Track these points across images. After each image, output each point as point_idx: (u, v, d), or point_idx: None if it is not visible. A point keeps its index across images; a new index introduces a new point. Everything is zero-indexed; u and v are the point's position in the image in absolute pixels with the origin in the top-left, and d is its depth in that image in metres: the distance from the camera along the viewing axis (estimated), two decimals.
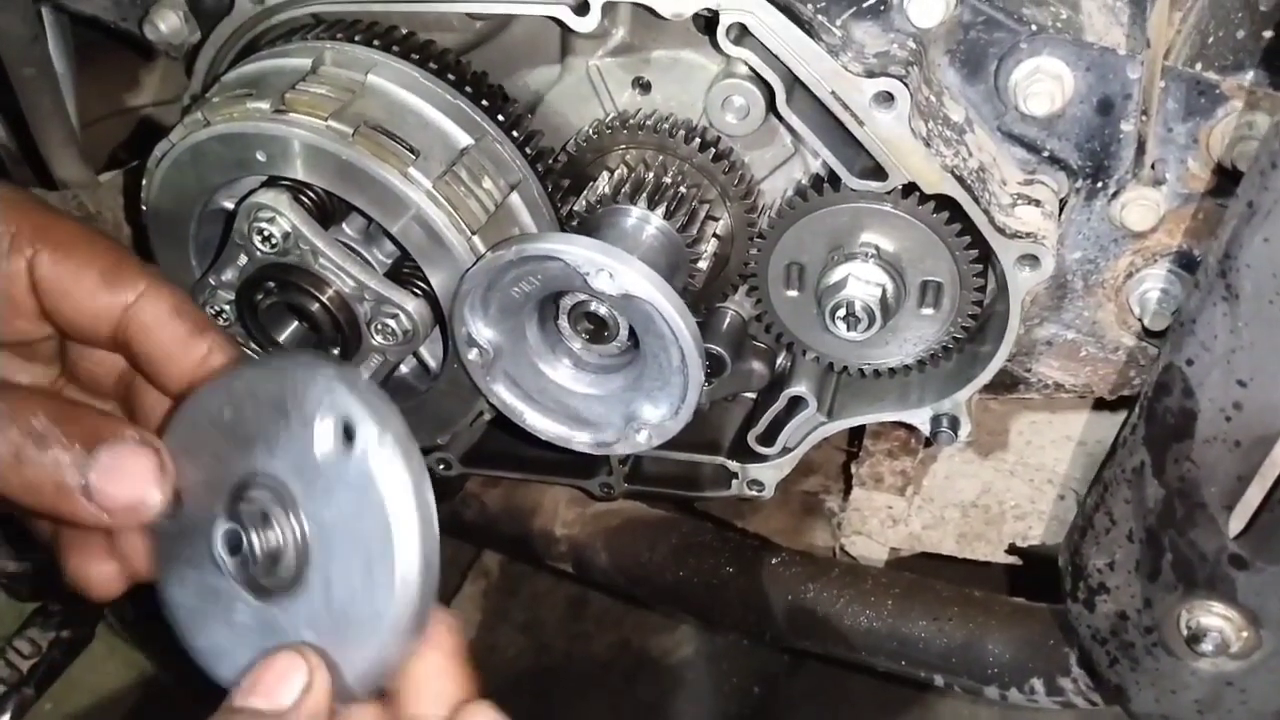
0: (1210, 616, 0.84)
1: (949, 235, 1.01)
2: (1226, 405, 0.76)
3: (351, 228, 1.05)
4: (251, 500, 0.69)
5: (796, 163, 1.07)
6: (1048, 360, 1.15)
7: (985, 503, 1.38)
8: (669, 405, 0.99)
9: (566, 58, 1.07)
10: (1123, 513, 0.88)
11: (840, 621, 1.26)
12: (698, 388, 0.96)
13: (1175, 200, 1.01)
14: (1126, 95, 0.97)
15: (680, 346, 0.93)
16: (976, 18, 0.96)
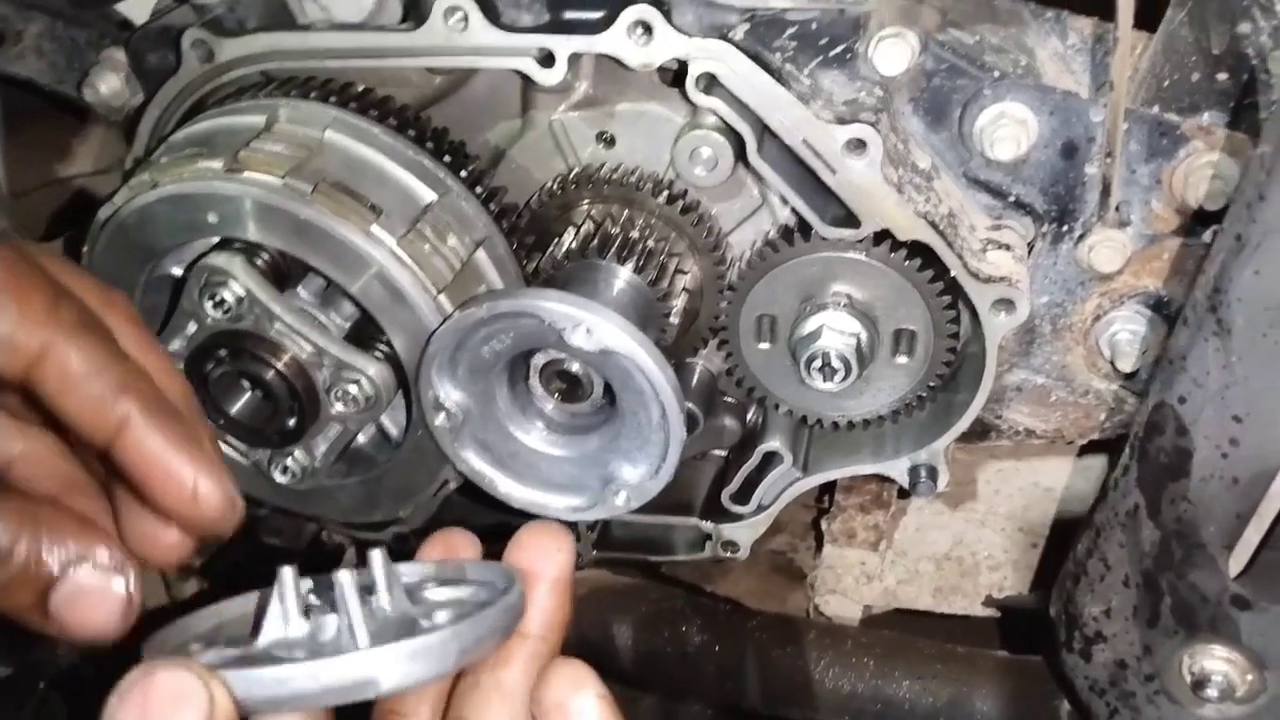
0: (1214, 660, 0.82)
1: (922, 282, 1.00)
2: (1222, 442, 0.75)
3: (308, 290, 1.00)
4: None
5: (765, 214, 1.06)
6: (1018, 406, 1.14)
7: (958, 554, 1.36)
8: (648, 465, 0.95)
9: (528, 112, 1.05)
10: (1117, 557, 0.86)
11: (821, 686, 1.22)
12: (679, 444, 0.92)
13: (1141, 241, 1.01)
14: (1090, 138, 0.97)
15: (660, 402, 0.90)
16: (940, 65, 0.96)
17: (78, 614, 0.64)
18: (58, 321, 0.64)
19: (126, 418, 0.64)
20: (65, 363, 0.64)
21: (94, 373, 0.65)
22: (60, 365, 0.64)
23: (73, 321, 0.65)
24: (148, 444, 0.65)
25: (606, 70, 1.00)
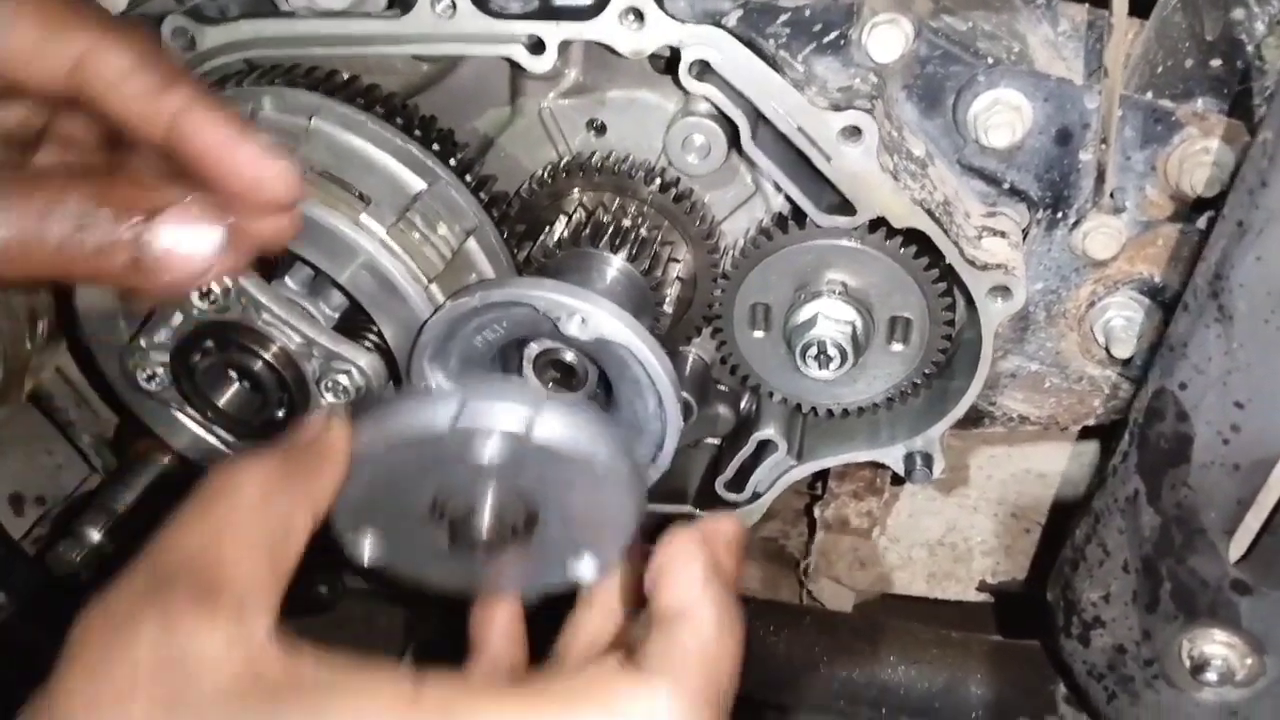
0: (1213, 645, 0.82)
1: (917, 270, 1.00)
2: (1224, 428, 0.75)
3: (295, 280, 0.99)
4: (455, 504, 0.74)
5: (758, 201, 1.05)
6: (1012, 393, 1.14)
7: (952, 540, 1.36)
8: (645, 453, 0.94)
9: (517, 100, 1.03)
10: (1117, 543, 0.86)
11: (816, 671, 1.22)
12: (677, 432, 0.92)
13: (1135, 228, 1.01)
14: (1084, 125, 0.97)
15: (657, 390, 0.89)
16: (933, 52, 0.96)
17: (174, 261, 0.64)
18: (87, 24, 0.64)
19: (183, 105, 0.64)
20: (108, 61, 0.64)
21: (139, 67, 0.64)
22: (104, 64, 0.64)
23: (101, 22, 0.64)
24: (209, 128, 0.64)
25: (597, 57, 0.98)
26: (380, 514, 0.76)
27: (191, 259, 0.65)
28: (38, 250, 0.62)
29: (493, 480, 0.74)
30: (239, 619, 0.57)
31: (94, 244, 0.63)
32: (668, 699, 0.57)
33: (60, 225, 0.62)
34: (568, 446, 0.72)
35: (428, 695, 0.56)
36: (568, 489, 0.75)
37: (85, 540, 1.24)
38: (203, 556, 0.59)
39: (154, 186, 0.65)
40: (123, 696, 0.54)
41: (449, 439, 0.71)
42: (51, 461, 1.53)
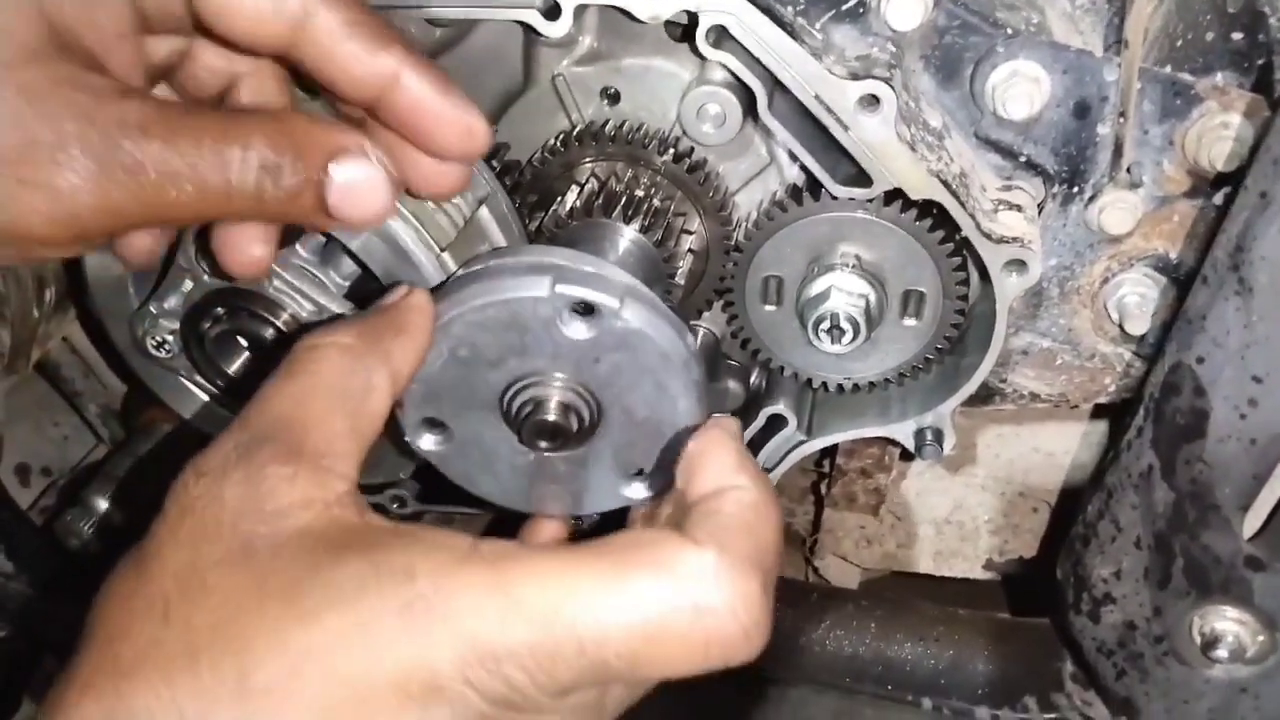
0: (1224, 622, 0.82)
1: (932, 243, 0.99)
2: (1241, 402, 0.75)
3: (306, 248, 0.98)
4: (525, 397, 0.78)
5: (772, 173, 1.04)
6: (1023, 370, 1.14)
7: (959, 518, 1.36)
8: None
9: (531, 67, 1.02)
10: (1129, 519, 0.86)
11: (822, 648, 1.22)
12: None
13: (1152, 203, 1.00)
14: (1103, 98, 0.96)
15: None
16: (952, 22, 0.95)
17: (355, 203, 0.67)
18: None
19: (397, 68, 0.67)
20: (326, 22, 0.66)
21: (356, 27, 0.67)
22: (321, 26, 0.66)
23: None
24: (421, 89, 0.68)
25: (612, 23, 0.97)
26: (449, 401, 0.79)
27: (371, 200, 0.68)
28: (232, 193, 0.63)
29: (568, 366, 0.77)
30: (319, 473, 0.61)
31: (285, 186, 0.65)
32: (716, 559, 0.58)
33: (252, 168, 0.63)
34: (651, 333, 0.75)
35: (483, 549, 0.58)
36: (637, 387, 0.78)
37: (93, 510, 1.24)
38: (288, 419, 0.63)
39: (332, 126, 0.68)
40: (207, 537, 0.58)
41: (545, 304, 0.74)
42: (58, 432, 1.53)
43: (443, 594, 0.56)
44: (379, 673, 0.55)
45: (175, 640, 0.55)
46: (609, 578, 0.57)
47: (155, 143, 0.61)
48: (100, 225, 0.61)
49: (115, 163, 0.60)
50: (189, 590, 0.57)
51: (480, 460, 0.83)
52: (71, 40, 0.61)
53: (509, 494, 0.86)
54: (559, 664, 0.56)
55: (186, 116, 0.63)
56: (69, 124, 0.59)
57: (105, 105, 0.60)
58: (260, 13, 0.65)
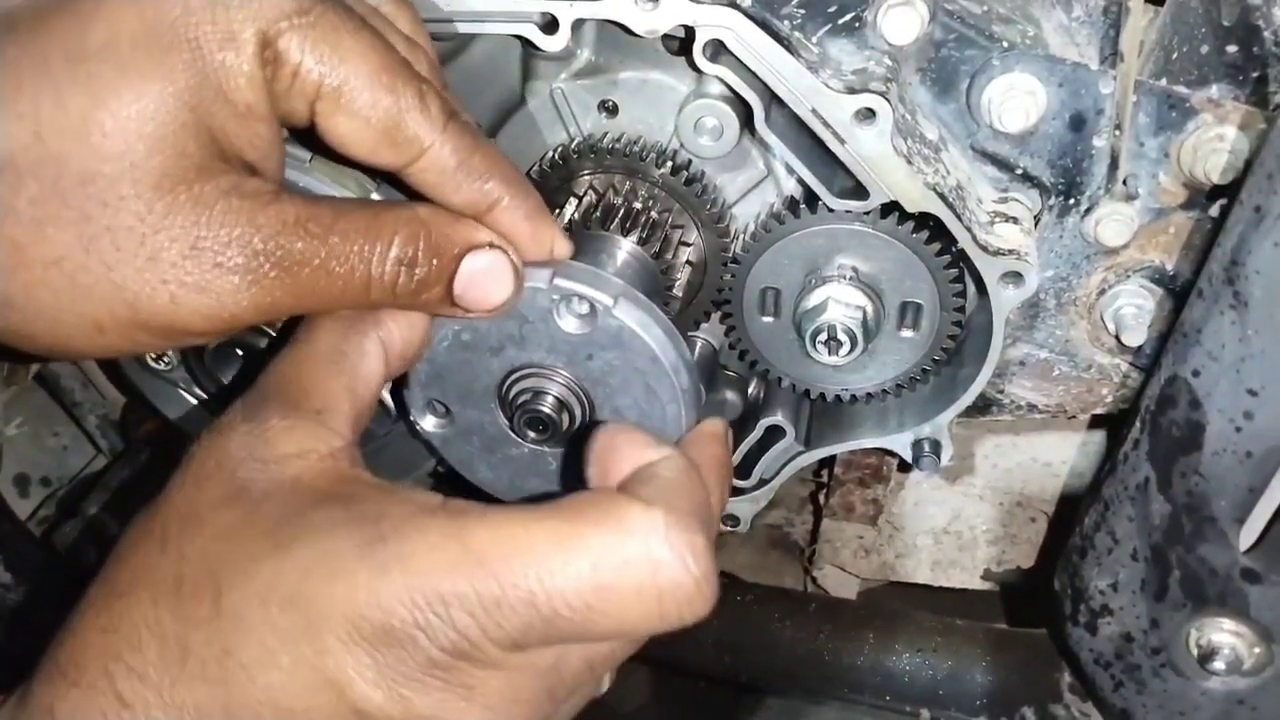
0: (1221, 633, 0.82)
1: (929, 255, 0.99)
2: (1236, 415, 0.75)
3: None
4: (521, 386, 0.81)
5: (769, 185, 1.05)
6: (1020, 381, 1.14)
7: (957, 529, 1.36)
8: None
9: (529, 81, 1.03)
10: (1126, 531, 0.86)
11: (820, 659, 1.22)
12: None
13: (1147, 215, 1.00)
14: (1099, 111, 0.96)
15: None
16: (948, 35, 0.95)
17: (480, 293, 0.73)
18: (432, 118, 0.70)
19: (498, 199, 0.73)
20: (441, 160, 0.71)
21: (465, 162, 0.72)
22: (438, 163, 0.71)
23: (441, 113, 0.70)
24: (515, 217, 0.74)
25: (610, 37, 0.98)
26: (453, 384, 0.83)
27: (495, 291, 0.74)
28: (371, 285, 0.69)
29: (563, 360, 0.80)
30: (316, 427, 0.65)
31: (418, 279, 0.70)
32: (664, 514, 0.60)
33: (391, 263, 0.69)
34: (642, 334, 0.78)
35: (449, 505, 0.62)
36: (628, 389, 0.81)
37: (91, 521, 1.24)
38: (289, 380, 0.69)
39: (467, 224, 0.73)
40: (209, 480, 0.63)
41: (543, 295, 0.77)
42: (57, 442, 1.53)
43: (401, 537, 0.59)
44: (335, 607, 0.58)
45: (167, 566, 0.61)
46: (561, 533, 0.59)
47: (312, 241, 0.66)
48: (252, 319, 0.67)
49: (273, 263, 0.65)
50: (186, 525, 0.62)
51: (479, 448, 0.87)
52: (234, 154, 0.66)
53: (504, 484, 0.89)
54: (506, 612, 0.58)
55: (337, 214, 0.67)
56: (235, 229, 0.64)
57: (265, 209, 0.65)
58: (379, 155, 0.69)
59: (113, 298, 0.63)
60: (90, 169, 0.61)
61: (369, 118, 0.67)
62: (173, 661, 0.58)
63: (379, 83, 0.67)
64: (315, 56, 0.65)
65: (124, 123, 0.61)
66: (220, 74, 0.63)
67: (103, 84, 0.61)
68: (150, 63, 0.61)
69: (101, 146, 0.61)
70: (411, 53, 0.73)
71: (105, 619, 0.61)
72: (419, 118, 0.69)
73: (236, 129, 0.65)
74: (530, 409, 0.81)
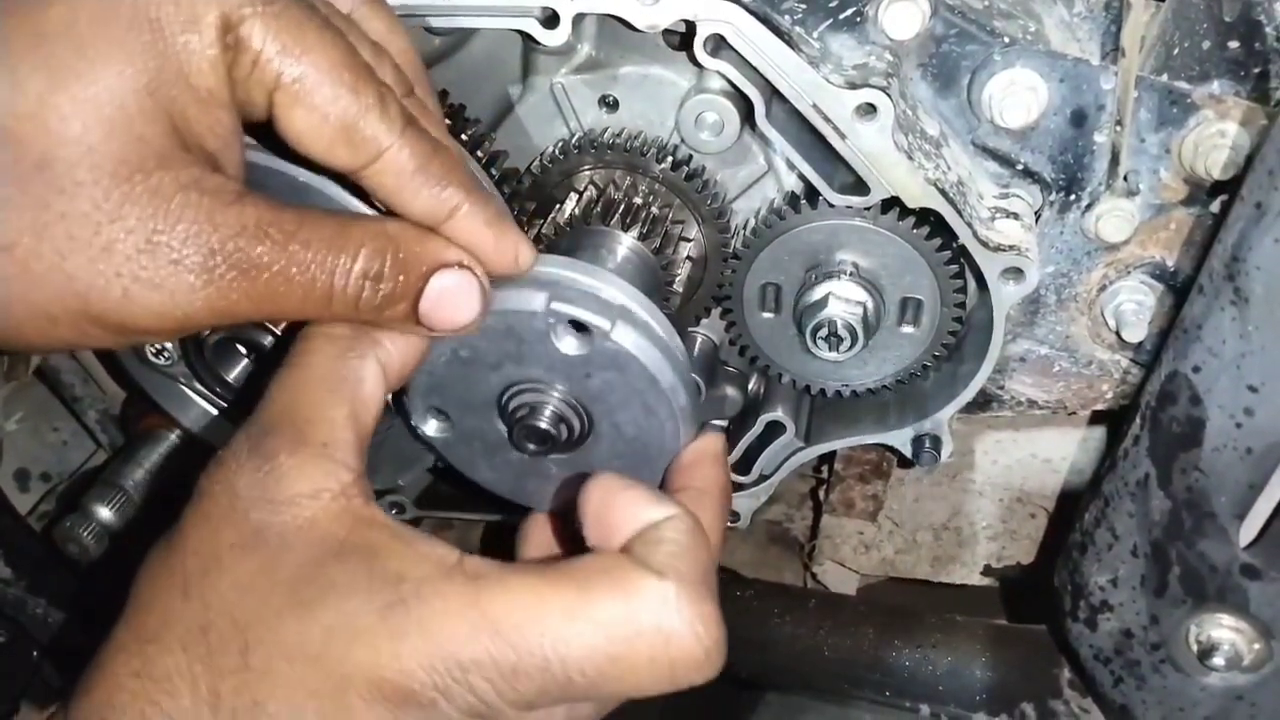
0: (1221, 630, 0.82)
1: (929, 251, 0.99)
2: (1237, 411, 0.75)
3: None
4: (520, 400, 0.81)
5: (770, 181, 1.05)
6: (1020, 377, 1.14)
7: (957, 524, 1.36)
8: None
9: (529, 76, 1.03)
10: (1126, 527, 0.86)
11: (820, 654, 1.22)
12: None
13: (1148, 211, 1.00)
14: (1099, 106, 0.96)
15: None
16: (949, 30, 0.95)
17: (445, 314, 0.71)
18: (390, 120, 0.68)
19: (457, 206, 0.71)
20: (398, 163, 0.68)
21: (423, 168, 0.69)
22: (395, 166, 0.68)
23: (400, 117, 0.68)
24: (474, 224, 0.72)
25: (610, 32, 0.98)
26: (451, 395, 0.83)
27: (461, 310, 0.72)
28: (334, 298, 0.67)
29: (561, 378, 0.80)
30: (325, 462, 0.65)
31: (382, 295, 0.68)
32: (675, 586, 0.61)
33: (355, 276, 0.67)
34: (639, 357, 0.77)
35: (466, 565, 0.63)
36: (625, 406, 0.81)
37: (92, 516, 1.24)
38: (290, 410, 0.68)
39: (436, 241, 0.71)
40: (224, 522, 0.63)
41: (539, 319, 0.76)
42: (57, 438, 1.53)
43: (422, 602, 0.60)
44: (357, 669, 0.59)
45: (192, 614, 0.61)
46: (574, 600, 0.61)
47: (273, 246, 0.64)
48: (206, 321, 0.65)
49: (231, 265, 0.63)
50: (206, 570, 0.62)
51: (480, 451, 0.87)
52: (194, 143, 0.64)
53: (507, 485, 0.90)
54: (522, 678, 0.60)
55: (301, 221, 0.66)
56: (192, 226, 0.62)
57: (226, 208, 0.63)
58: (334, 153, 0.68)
59: (64, 288, 0.61)
60: (48, 153, 0.59)
61: (327, 114, 0.65)
62: (206, 709, 0.60)
63: (340, 80, 0.66)
64: (277, 46, 0.64)
65: (82, 105, 0.59)
66: (181, 56, 0.61)
67: (61, 65, 0.59)
68: (109, 44, 0.60)
69: (59, 130, 0.59)
70: (376, 58, 0.72)
71: (138, 663, 0.62)
72: (377, 119, 0.67)
73: (197, 114, 0.63)
74: (528, 423, 0.81)
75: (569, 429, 0.82)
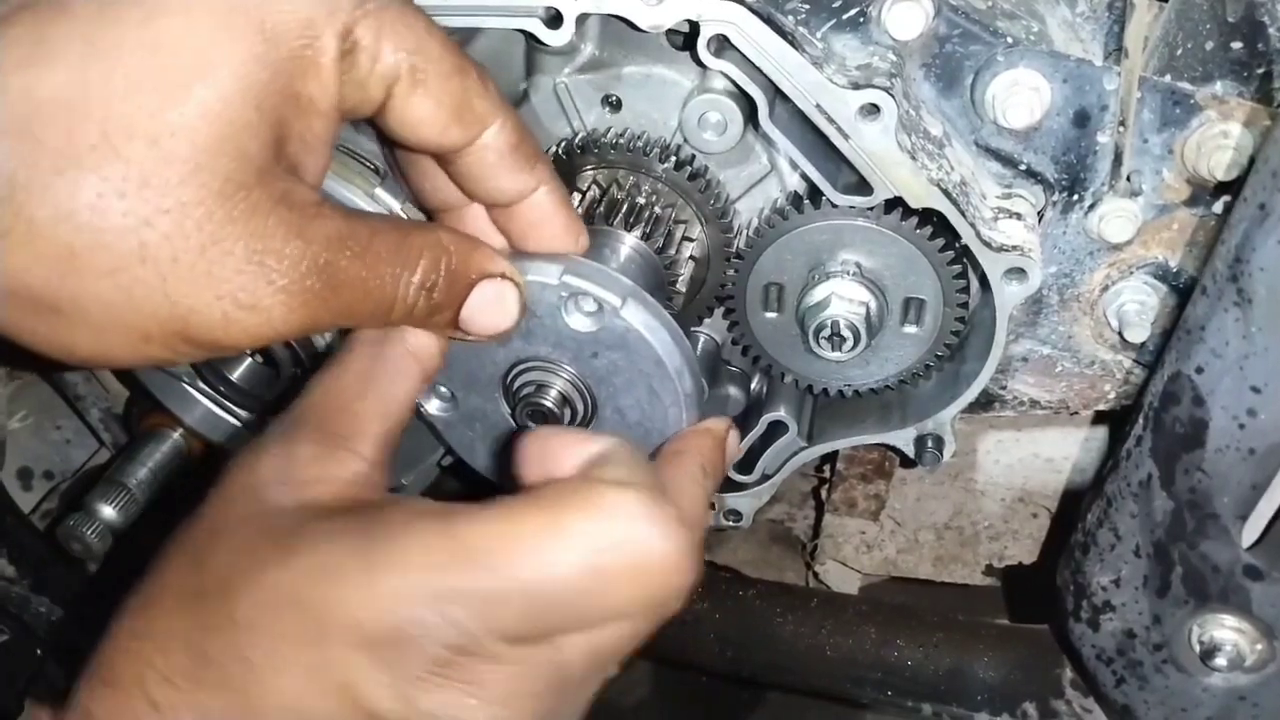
0: (1223, 630, 0.82)
1: (932, 251, 0.99)
2: (1240, 412, 0.75)
3: None
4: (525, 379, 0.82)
5: (773, 180, 1.05)
6: (1023, 377, 1.14)
7: (959, 524, 1.36)
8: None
9: (532, 75, 1.03)
10: (1129, 528, 0.86)
11: (822, 654, 1.22)
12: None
13: (1151, 212, 1.00)
14: (1103, 107, 0.96)
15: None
16: (953, 31, 0.95)
17: (485, 320, 0.74)
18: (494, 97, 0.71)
19: (542, 182, 0.76)
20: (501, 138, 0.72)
21: (522, 142, 0.73)
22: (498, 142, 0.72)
23: (499, 93, 0.71)
24: (555, 200, 0.77)
25: (614, 32, 0.98)
26: (456, 372, 0.84)
27: (497, 320, 0.74)
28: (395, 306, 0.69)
29: (568, 357, 0.81)
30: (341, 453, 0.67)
31: (434, 303, 0.70)
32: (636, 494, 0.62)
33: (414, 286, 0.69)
34: (648, 336, 0.79)
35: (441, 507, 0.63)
36: (630, 389, 0.81)
37: (95, 515, 1.24)
38: (320, 404, 0.70)
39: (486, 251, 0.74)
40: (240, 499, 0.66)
41: (553, 290, 0.77)
42: (60, 436, 1.53)
43: (396, 539, 0.61)
44: (337, 612, 0.59)
45: (189, 577, 0.63)
46: (546, 522, 0.61)
47: (355, 260, 0.65)
48: (292, 335, 0.67)
49: (320, 281, 0.63)
50: (211, 539, 0.64)
51: (481, 434, 0.88)
52: (287, 151, 0.64)
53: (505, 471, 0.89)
54: (503, 604, 0.60)
55: (372, 232, 0.67)
56: (288, 244, 0.62)
57: (312, 222, 0.63)
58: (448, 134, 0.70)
59: (166, 312, 0.60)
60: (155, 172, 0.58)
61: (442, 98, 0.67)
62: (196, 667, 0.60)
63: (450, 63, 0.67)
64: (394, 40, 0.65)
65: (192, 122, 0.58)
66: (293, 67, 0.61)
67: (173, 82, 0.58)
68: (222, 57, 0.59)
69: (169, 148, 0.58)
70: None
71: (137, 624, 0.63)
72: (484, 95, 0.70)
73: (298, 124, 0.63)
74: (533, 402, 0.82)
75: (573, 411, 0.83)
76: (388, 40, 0.65)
